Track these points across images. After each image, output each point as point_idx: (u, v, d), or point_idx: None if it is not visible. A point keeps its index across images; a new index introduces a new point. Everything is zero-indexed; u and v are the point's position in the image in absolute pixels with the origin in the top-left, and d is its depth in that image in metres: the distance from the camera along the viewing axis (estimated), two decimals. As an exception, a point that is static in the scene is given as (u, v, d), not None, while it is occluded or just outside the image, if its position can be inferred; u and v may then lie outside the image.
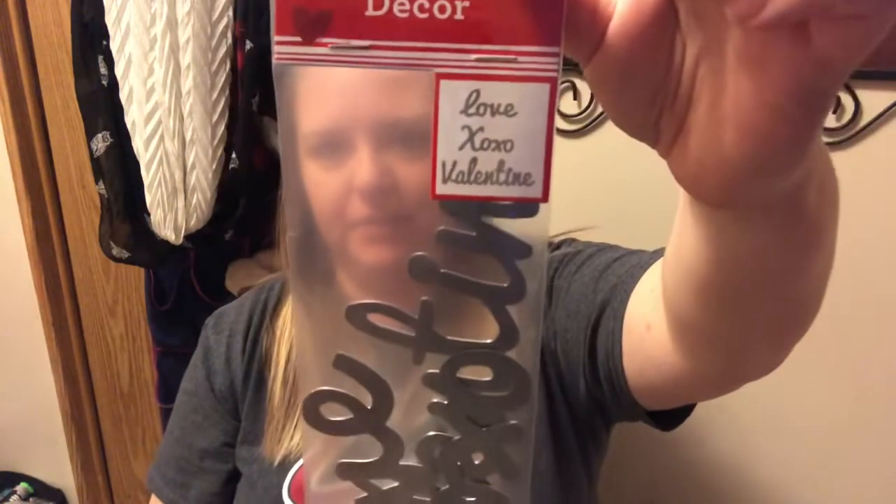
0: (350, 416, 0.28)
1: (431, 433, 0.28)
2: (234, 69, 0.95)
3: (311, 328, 0.31)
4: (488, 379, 0.27)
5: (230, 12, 0.92)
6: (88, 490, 1.60)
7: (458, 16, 0.21)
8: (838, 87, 0.22)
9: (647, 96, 0.24)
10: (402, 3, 0.21)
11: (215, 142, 0.95)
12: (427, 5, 0.21)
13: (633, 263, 0.55)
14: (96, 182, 1.03)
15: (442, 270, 0.25)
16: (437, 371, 0.27)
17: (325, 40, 0.21)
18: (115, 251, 1.05)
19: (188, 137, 0.94)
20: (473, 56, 0.21)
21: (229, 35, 0.93)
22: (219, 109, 0.95)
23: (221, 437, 0.72)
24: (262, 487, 0.66)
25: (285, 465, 0.65)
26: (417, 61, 0.21)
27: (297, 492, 0.64)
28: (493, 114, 0.22)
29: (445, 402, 0.27)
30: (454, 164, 0.22)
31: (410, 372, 0.28)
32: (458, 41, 0.21)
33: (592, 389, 0.58)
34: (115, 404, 1.55)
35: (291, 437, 0.66)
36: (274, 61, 0.22)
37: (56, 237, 1.43)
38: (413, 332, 0.27)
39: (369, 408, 0.28)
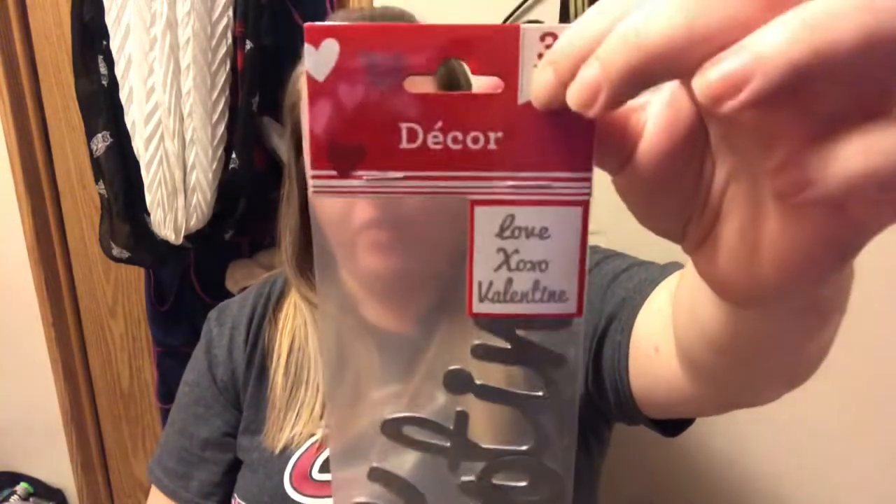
0: None
1: None
2: (234, 69, 0.95)
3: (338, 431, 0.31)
4: (524, 484, 0.27)
5: (230, 12, 0.92)
6: (88, 490, 1.60)
7: (492, 146, 0.21)
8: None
9: (674, 208, 0.24)
10: (435, 136, 0.21)
11: (215, 142, 0.95)
12: (461, 137, 0.21)
13: (642, 278, 0.55)
14: (96, 182, 1.03)
15: (478, 382, 0.26)
16: (472, 478, 0.27)
17: (360, 173, 0.22)
18: (115, 251, 1.05)
19: (188, 137, 0.94)
20: (507, 183, 0.22)
21: (229, 35, 0.93)
22: (219, 109, 0.95)
23: (223, 427, 0.73)
24: (263, 474, 0.67)
25: (286, 453, 0.66)
26: (452, 189, 0.22)
27: (299, 479, 0.65)
28: (527, 236, 0.22)
29: None
30: (490, 284, 0.23)
31: (445, 480, 0.28)
32: (491, 170, 0.22)
33: (594, 395, 0.59)
34: (115, 404, 1.54)
35: (292, 427, 0.66)
36: (310, 193, 0.22)
37: (56, 237, 1.43)
38: (448, 442, 0.27)
39: None
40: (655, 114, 0.22)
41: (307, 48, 0.21)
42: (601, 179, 0.27)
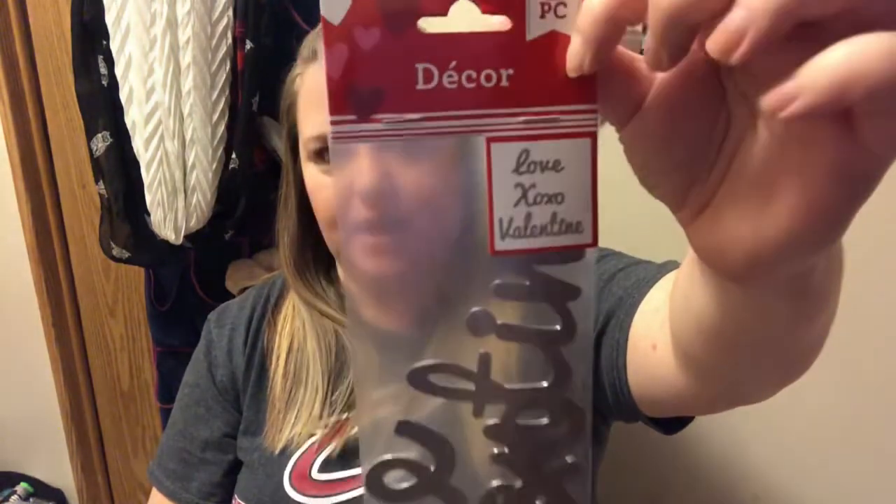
0: (414, 481, 0.28)
1: (495, 484, 0.28)
2: (234, 69, 0.95)
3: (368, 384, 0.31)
4: (546, 421, 0.27)
5: (230, 12, 0.92)
6: (88, 490, 1.60)
7: (504, 83, 0.22)
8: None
9: (682, 163, 0.25)
10: (450, 75, 0.22)
11: (215, 142, 0.95)
12: (474, 76, 0.22)
13: (640, 277, 0.55)
14: (96, 182, 1.03)
15: (499, 322, 0.26)
16: (497, 421, 0.27)
17: (379, 116, 0.22)
18: (115, 251, 1.05)
19: (188, 137, 0.94)
20: (520, 119, 0.23)
21: (229, 35, 0.93)
22: (219, 109, 0.95)
23: (223, 427, 0.73)
24: (263, 475, 0.67)
25: (286, 453, 0.66)
26: (469, 128, 0.22)
27: (298, 479, 0.65)
28: (542, 170, 0.23)
29: (506, 451, 0.28)
30: (511, 220, 0.23)
31: (468, 426, 0.28)
32: (505, 106, 0.22)
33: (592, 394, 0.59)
34: (115, 404, 1.54)
35: (292, 427, 0.67)
36: (331, 140, 0.23)
37: (56, 237, 1.43)
38: (472, 386, 0.27)
39: (433, 469, 0.28)
40: None
41: None
42: (602, 180, 0.27)
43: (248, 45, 0.93)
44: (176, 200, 0.97)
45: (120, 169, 1.00)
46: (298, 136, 0.67)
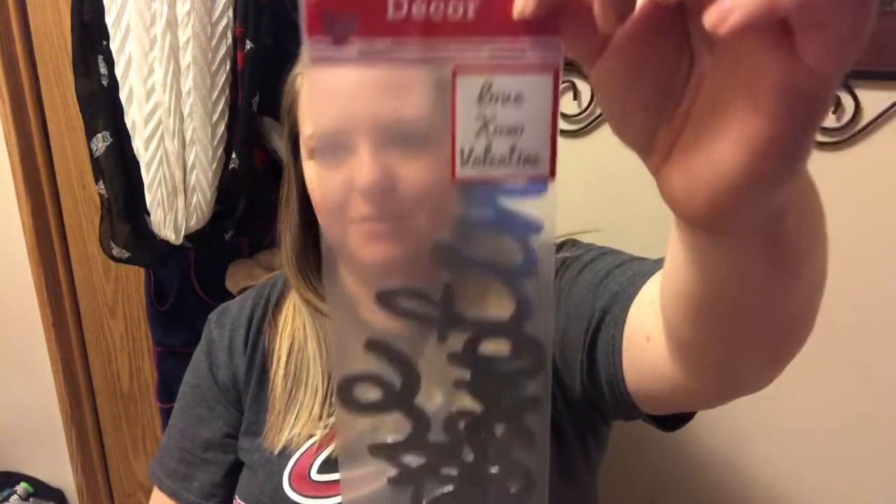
0: (380, 395, 0.30)
1: (456, 408, 0.30)
2: (234, 69, 0.95)
3: (339, 319, 0.33)
4: (507, 353, 0.29)
5: (230, 12, 0.92)
6: (88, 490, 1.60)
7: (470, 15, 0.23)
8: (829, 94, 0.23)
9: (649, 102, 0.25)
10: (419, 6, 0.23)
11: (215, 142, 0.95)
12: (442, 7, 0.23)
13: (635, 272, 0.56)
14: (96, 182, 1.03)
15: (463, 253, 0.27)
16: (460, 349, 0.29)
17: (352, 40, 0.23)
18: (115, 251, 1.05)
19: (188, 137, 0.94)
20: (484, 52, 0.23)
21: (229, 35, 0.93)
22: (219, 109, 0.95)
23: (224, 428, 0.74)
24: (263, 475, 0.67)
25: (285, 453, 0.66)
26: (436, 58, 0.23)
27: (298, 479, 0.65)
28: (503, 103, 0.24)
29: (468, 378, 0.29)
30: (471, 150, 0.24)
31: (434, 352, 0.29)
32: (470, 37, 0.23)
33: (590, 391, 0.59)
34: (115, 404, 1.54)
35: (291, 428, 0.67)
36: (309, 62, 0.24)
37: (56, 237, 1.43)
38: (436, 313, 0.28)
39: (398, 387, 0.30)
40: (639, 2, 0.24)
41: None
42: (601, 179, 0.27)
43: (248, 45, 0.93)
44: (176, 200, 0.97)
45: (120, 169, 1.00)
46: (299, 134, 0.67)
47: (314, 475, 0.65)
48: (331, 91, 0.62)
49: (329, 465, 0.65)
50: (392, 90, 0.58)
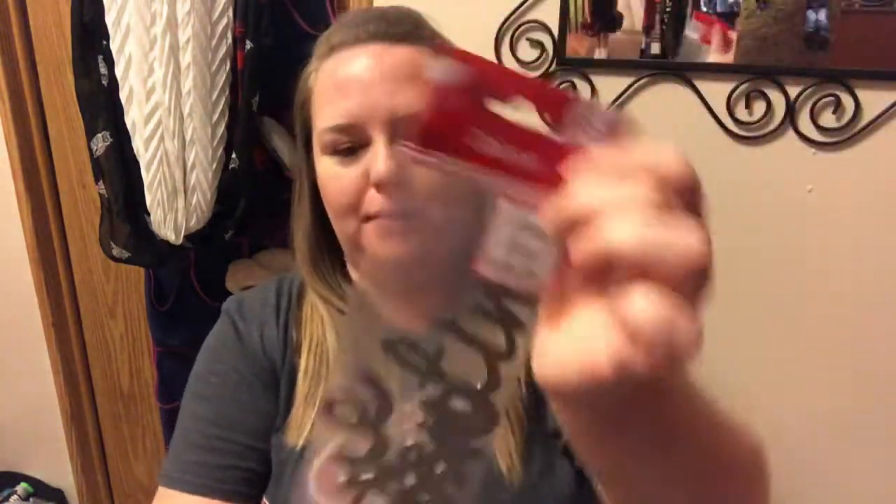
0: (356, 418, 0.38)
1: (410, 442, 0.37)
2: (234, 69, 0.95)
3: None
4: (469, 411, 0.36)
5: (230, 12, 0.92)
6: (88, 490, 1.60)
7: (532, 166, 0.30)
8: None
9: None
10: (495, 146, 0.30)
11: (215, 142, 0.95)
12: (513, 154, 0.30)
13: None
14: (96, 182, 1.03)
15: (458, 324, 0.34)
16: (433, 398, 0.36)
17: (436, 153, 0.30)
18: (116, 251, 1.05)
19: (188, 137, 0.94)
20: (529, 192, 0.30)
21: (229, 35, 0.93)
22: (219, 109, 0.95)
23: (272, 411, 0.70)
24: (287, 476, 0.66)
25: (308, 455, 0.64)
26: (492, 184, 0.31)
27: (322, 484, 0.63)
28: (531, 234, 0.31)
29: (430, 422, 0.36)
30: (496, 256, 0.32)
31: (411, 392, 0.36)
32: (524, 181, 0.30)
33: None
34: (115, 404, 1.54)
35: (312, 426, 0.65)
36: (399, 149, 0.28)
37: (56, 237, 1.43)
38: (424, 364, 0.36)
39: (373, 413, 0.37)
40: None
41: (446, 61, 0.31)
42: (601, 179, 0.27)
43: (248, 45, 0.93)
44: (176, 200, 0.97)
45: (120, 169, 1.00)
46: (312, 130, 0.67)
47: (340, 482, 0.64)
48: (348, 83, 0.62)
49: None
50: (409, 82, 0.59)
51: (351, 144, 0.61)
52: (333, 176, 0.62)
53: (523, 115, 0.31)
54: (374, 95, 0.59)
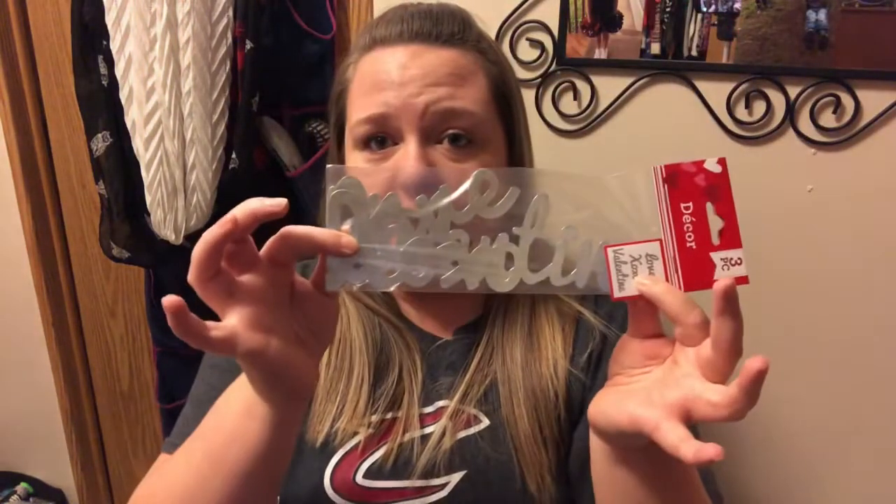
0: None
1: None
2: (234, 69, 0.95)
3: None
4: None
5: (230, 12, 0.92)
6: (88, 490, 1.60)
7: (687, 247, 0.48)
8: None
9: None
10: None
11: (215, 142, 0.95)
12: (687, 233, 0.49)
13: None
14: (96, 182, 1.03)
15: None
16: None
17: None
18: (115, 251, 1.05)
19: (188, 137, 0.94)
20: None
21: (229, 35, 0.93)
22: (219, 109, 0.95)
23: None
24: (303, 470, 0.65)
25: (327, 450, 0.64)
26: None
27: (341, 482, 0.63)
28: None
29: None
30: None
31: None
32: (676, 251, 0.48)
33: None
34: (115, 404, 1.54)
35: (333, 421, 0.65)
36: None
37: (56, 237, 1.43)
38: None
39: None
40: None
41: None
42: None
43: (248, 45, 0.93)
44: (176, 200, 0.97)
45: (120, 169, 1.00)
46: (346, 123, 0.66)
47: (360, 480, 0.63)
48: (386, 80, 0.62)
49: (376, 472, 0.63)
50: (448, 86, 0.59)
51: (383, 136, 0.60)
52: (362, 173, 0.62)
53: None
54: (411, 94, 0.59)
